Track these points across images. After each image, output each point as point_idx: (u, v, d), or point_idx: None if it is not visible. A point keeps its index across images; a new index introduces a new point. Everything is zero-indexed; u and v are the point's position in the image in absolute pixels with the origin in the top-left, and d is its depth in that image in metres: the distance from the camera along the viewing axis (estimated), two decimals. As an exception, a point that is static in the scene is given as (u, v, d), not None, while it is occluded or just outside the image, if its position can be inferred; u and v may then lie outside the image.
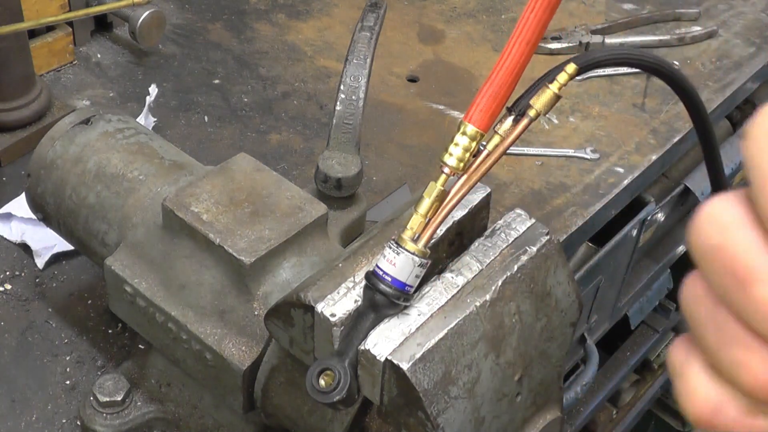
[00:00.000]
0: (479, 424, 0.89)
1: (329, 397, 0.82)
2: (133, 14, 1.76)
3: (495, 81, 0.81)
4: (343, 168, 1.27)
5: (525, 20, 0.79)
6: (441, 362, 0.83)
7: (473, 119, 0.82)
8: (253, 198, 1.09)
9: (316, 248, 1.08)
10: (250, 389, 1.04)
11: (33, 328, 1.32)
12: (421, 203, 0.82)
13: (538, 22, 0.79)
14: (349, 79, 1.30)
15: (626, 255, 1.87)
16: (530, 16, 0.79)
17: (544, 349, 0.95)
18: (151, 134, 1.26)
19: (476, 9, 2.06)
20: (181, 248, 1.07)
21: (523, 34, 0.79)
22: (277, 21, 1.98)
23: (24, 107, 1.58)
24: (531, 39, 0.79)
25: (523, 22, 0.79)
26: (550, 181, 1.63)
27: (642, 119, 1.78)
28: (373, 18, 1.36)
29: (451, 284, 0.88)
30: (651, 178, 1.74)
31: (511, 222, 0.95)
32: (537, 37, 0.79)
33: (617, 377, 2.33)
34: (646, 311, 2.24)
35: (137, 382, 1.19)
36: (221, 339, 1.04)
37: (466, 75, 1.87)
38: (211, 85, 1.79)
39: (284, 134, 1.69)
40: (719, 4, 2.12)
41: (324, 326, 0.86)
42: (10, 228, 1.45)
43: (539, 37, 0.80)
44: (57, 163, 1.20)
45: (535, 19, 0.79)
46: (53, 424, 1.21)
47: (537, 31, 0.79)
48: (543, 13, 0.78)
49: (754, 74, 1.93)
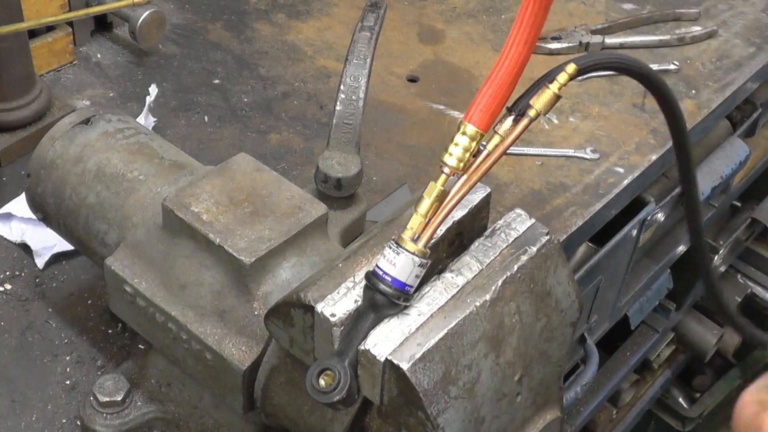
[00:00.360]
0: (479, 424, 0.89)
1: (329, 397, 0.82)
2: (133, 14, 1.76)
3: (495, 81, 0.82)
4: (343, 168, 1.27)
5: (521, 19, 0.79)
6: (441, 362, 0.83)
7: (473, 119, 0.82)
8: (253, 198, 1.09)
9: (316, 248, 1.08)
10: (250, 389, 1.04)
11: (33, 328, 1.32)
12: (421, 203, 0.83)
13: (534, 19, 0.79)
14: (349, 79, 1.30)
15: (626, 255, 1.87)
16: (526, 14, 0.79)
17: (544, 349, 0.95)
18: (151, 134, 1.26)
19: (476, 9, 2.06)
20: (181, 248, 1.07)
21: (520, 34, 0.80)
22: (277, 21, 1.98)
23: (24, 107, 1.58)
24: (529, 38, 0.79)
25: (520, 21, 0.79)
26: (550, 181, 1.63)
27: (642, 119, 1.78)
28: (373, 18, 1.36)
29: (451, 284, 0.88)
30: (651, 178, 1.74)
31: (511, 222, 0.95)
32: (534, 36, 0.80)
33: (617, 377, 2.33)
34: (646, 311, 2.24)
35: (137, 382, 1.19)
36: (221, 339, 1.04)
37: (466, 75, 1.87)
38: (211, 85, 1.79)
39: (284, 134, 1.69)
40: (719, 4, 2.12)
41: (324, 326, 0.86)
42: (10, 228, 1.45)
43: (537, 35, 0.80)
44: (57, 163, 1.20)
45: (531, 17, 0.79)
46: (53, 424, 1.21)
47: (534, 30, 0.79)
48: (539, 10, 0.78)
49: (754, 74, 1.93)
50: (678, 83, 1.88)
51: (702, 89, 1.86)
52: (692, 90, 1.86)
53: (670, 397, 2.87)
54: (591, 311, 1.91)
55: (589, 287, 1.79)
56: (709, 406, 2.87)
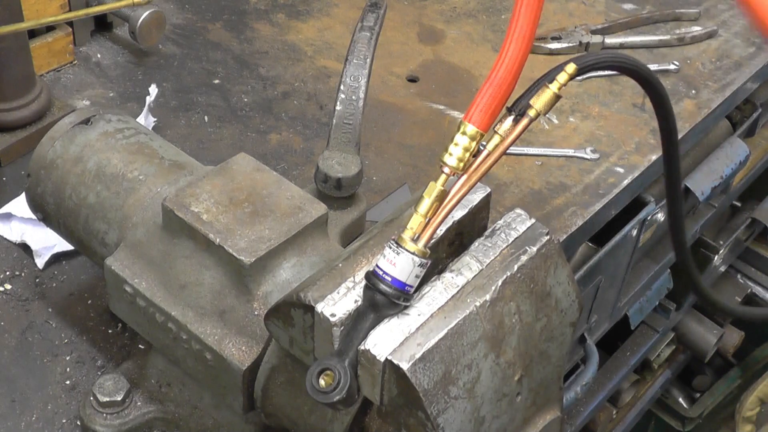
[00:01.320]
0: (479, 424, 0.89)
1: (329, 397, 0.82)
2: (133, 14, 1.76)
3: (495, 81, 0.82)
4: (343, 168, 1.27)
5: (517, 15, 0.79)
6: (441, 362, 0.83)
7: (473, 119, 0.82)
8: (253, 198, 1.09)
9: (316, 248, 1.08)
10: (250, 389, 1.04)
11: (33, 328, 1.32)
12: (421, 203, 0.83)
13: (530, 13, 0.79)
14: (349, 79, 1.30)
15: (626, 255, 1.87)
16: (521, 8, 0.79)
17: (544, 349, 0.95)
18: (151, 134, 1.26)
19: (476, 9, 2.06)
20: (181, 248, 1.07)
21: (517, 30, 0.80)
22: (277, 21, 1.98)
23: (24, 107, 1.58)
24: (526, 34, 0.79)
25: (516, 17, 0.79)
26: (550, 181, 1.63)
27: (642, 119, 1.78)
28: (373, 18, 1.36)
29: (451, 284, 0.88)
30: (651, 178, 1.74)
31: (511, 222, 0.95)
32: (531, 31, 0.79)
33: (617, 377, 2.33)
34: (646, 311, 2.24)
35: (137, 382, 1.19)
36: (221, 339, 1.04)
37: (466, 75, 1.87)
38: (211, 85, 1.79)
39: (284, 134, 1.69)
40: (719, 4, 2.12)
41: (324, 326, 0.86)
42: (10, 228, 1.45)
43: (533, 30, 0.80)
44: (57, 163, 1.20)
45: (526, 10, 0.79)
46: (53, 424, 1.21)
47: (530, 24, 0.79)
48: (534, 4, 0.78)
49: (754, 74, 1.93)
50: (678, 83, 1.88)
51: (702, 89, 1.87)
52: (692, 90, 1.86)
53: (670, 397, 2.87)
54: (591, 311, 1.91)
55: (589, 287, 1.79)
56: (709, 406, 2.87)
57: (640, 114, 1.79)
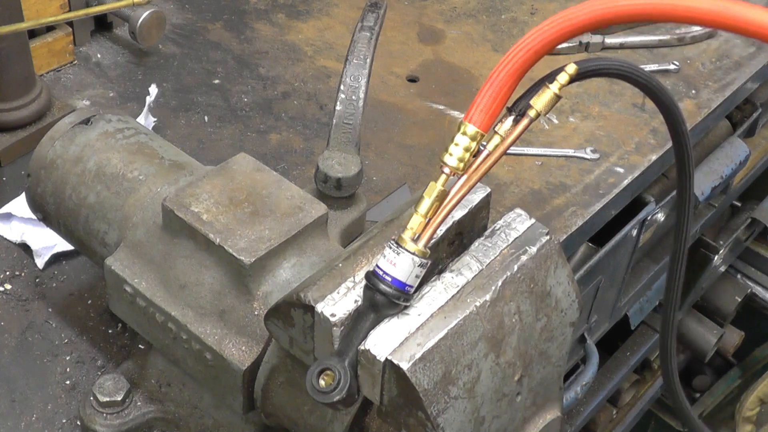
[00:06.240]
0: (479, 424, 0.89)
1: (329, 397, 0.82)
2: (133, 14, 1.76)
3: (495, 81, 0.82)
4: (343, 168, 1.27)
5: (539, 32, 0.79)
6: (441, 362, 0.83)
7: (473, 119, 0.82)
8: (253, 198, 1.09)
9: (316, 248, 1.08)
10: (250, 389, 1.04)
11: (33, 328, 1.32)
12: (421, 203, 0.83)
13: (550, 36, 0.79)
14: (349, 79, 1.30)
15: (626, 255, 1.87)
16: (547, 28, 0.79)
17: (544, 349, 0.95)
18: (151, 134, 1.26)
19: (476, 9, 2.06)
20: (181, 248, 1.07)
21: (532, 44, 0.80)
22: (277, 21, 1.98)
23: (24, 107, 1.58)
24: (539, 50, 0.79)
25: (536, 34, 0.79)
26: (550, 181, 1.63)
27: (642, 119, 1.78)
28: (373, 18, 1.36)
29: (451, 284, 0.88)
30: (651, 178, 1.74)
31: (511, 222, 0.95)
32: (545, 50, 0.80)
33: (617, 377, 2.33)
34: (646, 311, 2.24)
35: (137, 382, 1.19)
36: (221, 339, 1.04)
37: (466, 75, 1.87)
38: (211, 85, 1.79)
39: (284, 134, 1.69)
40: (719, 4, 2.11)
41: (324, 326, 0.86)
42: (10, 228, 1.45)
43: (547, 51, 0.80)
44: (57, 163, 1.20)
45: (549, 31, 0.79)
46: (53, 424, 1.21)
47: (546, 45, 0.79)
48: (558, 32, 0.79)
49: (754, 74, 1.93)
50: (678, 83, 1.88)
51: (702, 89, 1.87)
52: (692, 90, 1.86)
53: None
54: (591, 311, 1.91)
55: (589, 287, 1.79)
56: (709, 406, 2.87)
57: (640, 114, 1.79)
